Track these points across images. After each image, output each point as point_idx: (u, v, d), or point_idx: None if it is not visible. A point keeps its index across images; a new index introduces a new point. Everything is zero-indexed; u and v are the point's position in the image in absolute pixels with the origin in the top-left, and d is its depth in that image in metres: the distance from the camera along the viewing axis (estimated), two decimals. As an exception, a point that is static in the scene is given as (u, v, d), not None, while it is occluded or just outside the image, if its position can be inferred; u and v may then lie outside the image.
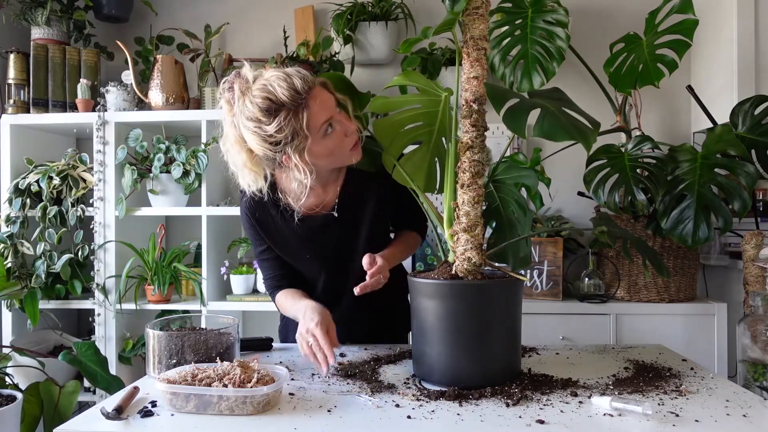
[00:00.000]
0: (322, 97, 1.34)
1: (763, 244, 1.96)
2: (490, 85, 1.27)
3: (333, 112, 1.36)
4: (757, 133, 2.00)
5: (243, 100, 1.29)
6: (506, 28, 1.88)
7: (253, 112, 1.28)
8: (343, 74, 1.50)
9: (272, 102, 1.27)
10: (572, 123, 1.24)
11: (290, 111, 1.28)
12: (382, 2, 2.62)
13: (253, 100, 1.28)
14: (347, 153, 1.41)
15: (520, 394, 1.18)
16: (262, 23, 2.85)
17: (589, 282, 2.39)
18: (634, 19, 2.41)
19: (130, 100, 2.57)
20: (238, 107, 1.30)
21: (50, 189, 2.44)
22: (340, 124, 1.37)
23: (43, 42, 2.60)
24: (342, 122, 1.38)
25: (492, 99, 1.24)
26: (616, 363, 1.45)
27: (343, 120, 1.38)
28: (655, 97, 2.63)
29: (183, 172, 2.42)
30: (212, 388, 1.11)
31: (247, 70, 1.32)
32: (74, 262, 2.49)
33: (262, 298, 2.49)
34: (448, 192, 1.35)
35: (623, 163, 2.05)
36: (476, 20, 1.29)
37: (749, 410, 1.11)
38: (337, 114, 1.37)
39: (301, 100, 1.29)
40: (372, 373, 1.36)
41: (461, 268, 1.29)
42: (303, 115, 1.29)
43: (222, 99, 1.34)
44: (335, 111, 1.37)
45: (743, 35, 2.33)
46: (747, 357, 1.66)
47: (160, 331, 1.36)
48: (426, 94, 1.42)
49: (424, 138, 1.43)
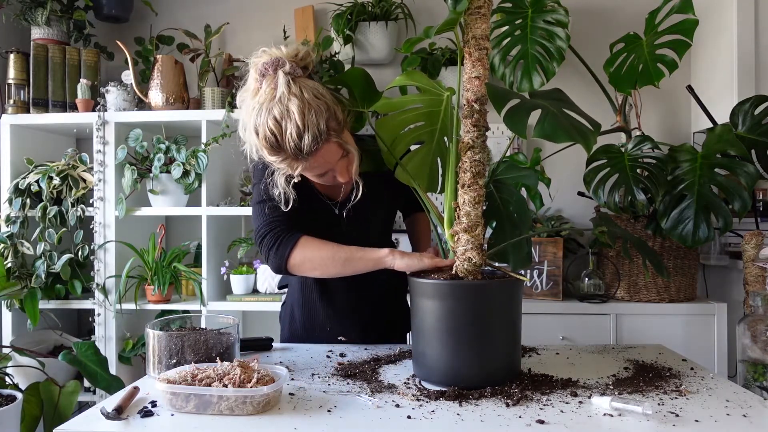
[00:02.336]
0: (326, 155, 1.32)
1: (763, 244, 1.96)
2: (491, 85, 1.27)
3: (331, 165, 1.36)
4: (757, 133, 2.00)
5: (260, 105, 1.26)
6: (506, 28, 1.89)
7: (261, 131, 1.27)
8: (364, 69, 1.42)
9: (277, 142, 1.27)
10: (573, 124, 1.24)
11: (288, 157, 1.29)
12: (382, 2, 2.62)
13: (266, 123, 1.25)
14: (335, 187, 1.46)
15: (520, 394, 1.18)
16: (262, 23, 2.85)
17: (589, 282, 2.39)
18: (634, 19, 2.41)
19: (130, 100, 2.57)
20: (256, 102, 1.27)
21: (50, 189, 2.44)
22: (333, 172, 1.38)
23: (43, 42, 2.60)
24: (337, 170, 1.38)
25: (493, 99, 1.24)
26: (616, 363, 1.45)
27: (341, 170, 1.37)
28: (655, 97, 2.63)
29: (183, 172, 2.42)
30: (212, 388, 1.11)
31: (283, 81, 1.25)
32: (74, 262, 2.49)
33: (262, 298, 2.49)
34: (448, 192, 1.35)
35: (623, 163, 2.05)
36: (478, 20, 1.29)
37: (749, 410, 1.11)
38: (336, 164, 1.36)
39: (302, 156, 1.28)
40: (372, 373, 1.36)
41: (462, 268, 1.30)
42: (299, 165, 1.31)
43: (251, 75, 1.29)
44: (335, 162, 1.36)
45: (743, 35, 2.33)
46: (747, 357, 1.66)
47: (160, 331, 1.36)
48: (428, 94, 1.42)
49: (425, 138, 1.43)
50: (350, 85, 1.46)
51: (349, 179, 1.41)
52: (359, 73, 1.41)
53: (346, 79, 1.45)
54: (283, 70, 1.26)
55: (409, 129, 1.44)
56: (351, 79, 1.44)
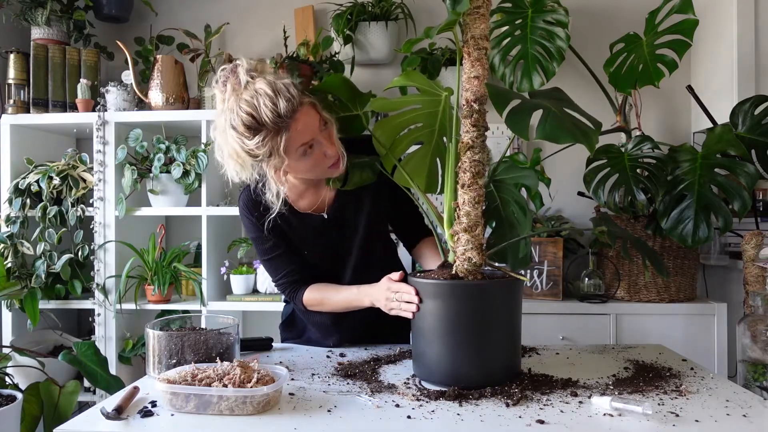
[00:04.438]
0: (306, 120, 1.33)
1: (763, 244, 1.96)
2: (492, 85, 1.27)
3: (314, 134, 1.36)
4: (757, 133, 2.01)
5: (231, 102, 1.30)
6: (506, 28, 1.89)
7: (237, 123, 1.30)
8: (343, 75, 1.50)
9: (255, 120, 1.28)
10: (575, 124, 1.24)
11: (270, 132, 1.30)
12: (382, 2, 2.62)
13: (239, 111, 1.29)
14: (326, 170, 1.43)
15: (520, 394, 1.18)
16: (262, 23, 2.85)
17: (589, 282, 2.39)
18: (634, 19, 2.41)
19: (130, 100, 2.57)
20: (228, 106, 1.31)
21: (50, 189, 2.44)
22: (320, 146, 1.38)
23: (43, 42, 2.60)
24: (322, 144, 1.38)
25: (494, 100, 1.24)
26: (616, 363, 1.45)
27: (324, 142, 1.38)
28: (655, 97, 2.63)
29: (183, 172, 2.42)
30: (212, 388, 1.11)
31: (243, 70, 1.31)
32: (74, 262, 2.49)
33: (262, 298, 2.49)
34: (448, 192, 1.35)
35: (623, 163, 2.05)
36: (477, 20, 1.29)
37: (749, 410, 1.11)
38: (318, 135, 1.37)
39: (283, 124, 1.29)
40: (372, 373, 1.36)
41: (461, 269, 1.29)
42: (282, 138, 1.30)
43: (216, 89, 1.35)
44: (317, 132, 1.37)
45: (743, 35, 2.33)
46: (747, 357, 1.66)
47: (160, 331, 1.36)
48: (426, 95, 1.42)
49: (424, 138, 1.43)
50: (334, 92, 1.48)
51: (336, 151, 1.40)
52: (338, 79, 1.45)
53: (327, 88, 1.49)
54: (242, 67, 1.32)
55: (409, 130, 1.44)
56: (332, 86, 1.48)
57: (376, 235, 1.60)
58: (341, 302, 1.51)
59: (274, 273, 1.58)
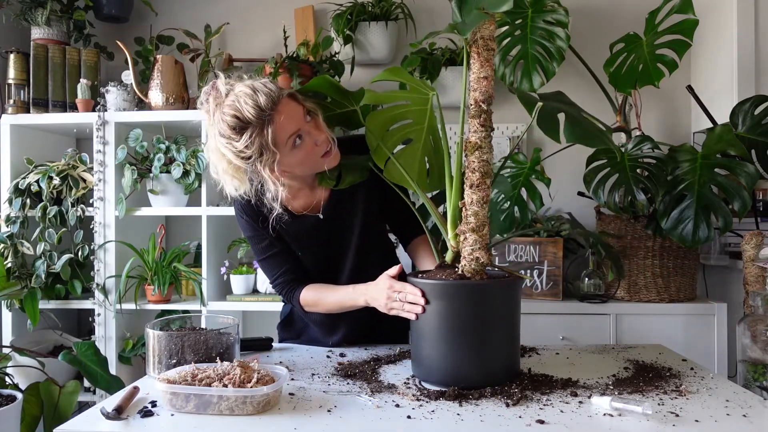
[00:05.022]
0: (288, 110, 1.34)
1: (763, 244, 1.96)
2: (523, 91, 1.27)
3: (300, 124, 1.36)
4: (757, 133, 2.01)
5: (216, 115, 1.34)
6: (506, 28, 1.89)
7: (224, 129, 1.32)
8: (327, 76, 1.50)
9: (239, 120, 1.31)
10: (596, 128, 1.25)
11: (256, 128, 1.31)
12: (382, 2, 2.62)
13: (224, 117, 1.32)
14: (319, 160, 1.42)
15: (520, 394, 1.18)
16: (262, 23, 2.85)
17: (589, 282, 2.39)
18: (634, 19, 2.41)
19: (130, 100, 2.57)
20: (214, 119, 1.34)
21: (50, 189, 2.44)
22: (309, 135, 1.38)
23: (43, 42, 2.60)
24: (311, 132, 1.38)
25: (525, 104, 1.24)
26: (616, 363, 1.45)
27: (312, 130, 1.39)
28: (655, 97, 2.63)
29: (183, 172, 2.42)
30: (212, 388, 1.11)
31: (221, 82, 1.35)
32: (74, 262, 2.49)
33: (262, 298, 2.49)
34: (453, 192, 1.34)
35: (623, 163, 2.05)
36: (486, 20, 1.28)
37: (749, 410, 1.11)
38: (305, 125, 1.37)
39: (266, 117, 1.31)
40: (372, 373, 1.36)
41: (469, 269, 1.28)
42: (268, 131, 1.31)
43: (202, 109, 1.38)
44: (303, 122, 1.37)
45: (743, 35, 2.33)
46: (747, 357, 1.66)
47: (160, 331, 1.36)
48: (414, 92, 1.43)
49: (414, 136, 1.44)
50: (323, 93, 1.49)
51: (326, 137, 1.40)
52: (323, 80, 1.46)
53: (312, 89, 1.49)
54: (220, 80, 1.36)
55: (400, 125, 1.44)
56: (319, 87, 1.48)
57: (372, 235, 1.60)
58: (336, 302, 1.51)
59: (270, 273, 1.58)
